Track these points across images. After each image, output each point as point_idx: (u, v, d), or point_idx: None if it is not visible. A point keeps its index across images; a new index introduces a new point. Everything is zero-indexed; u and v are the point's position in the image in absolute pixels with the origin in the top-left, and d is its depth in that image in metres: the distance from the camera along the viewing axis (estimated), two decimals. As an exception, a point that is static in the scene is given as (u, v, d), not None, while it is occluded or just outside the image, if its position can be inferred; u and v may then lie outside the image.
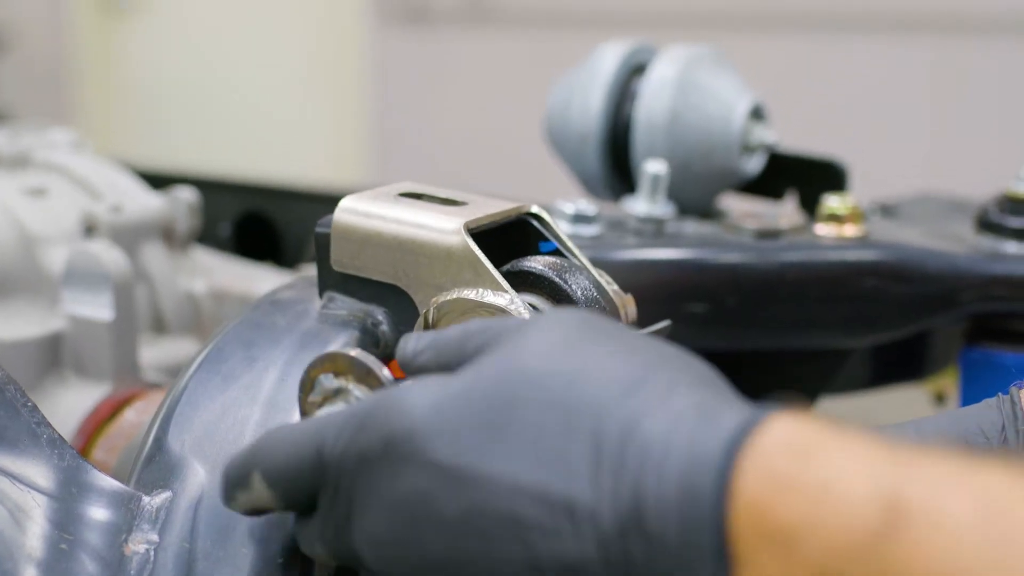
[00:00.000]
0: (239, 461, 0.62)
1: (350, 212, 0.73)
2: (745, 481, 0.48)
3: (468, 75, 3.32)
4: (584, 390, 0.53)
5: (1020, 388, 0.68)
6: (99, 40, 3.78)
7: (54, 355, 0.95)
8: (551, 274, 0.70)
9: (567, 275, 0.71)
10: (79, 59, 3.73)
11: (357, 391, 0.63)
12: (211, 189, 1.30)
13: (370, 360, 0.63)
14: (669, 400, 0.52)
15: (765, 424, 0.49)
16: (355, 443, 0.57)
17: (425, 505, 0.54)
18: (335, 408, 0.63)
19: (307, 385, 0.65)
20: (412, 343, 0.63)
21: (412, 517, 0.55)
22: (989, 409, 0.68)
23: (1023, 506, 0.44)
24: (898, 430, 0.69)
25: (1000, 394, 0.69)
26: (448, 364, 0.60)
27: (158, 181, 1.21)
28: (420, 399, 0.56)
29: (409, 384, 0.58)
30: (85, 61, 3.74)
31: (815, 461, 0.47)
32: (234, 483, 0.62)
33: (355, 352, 0.64)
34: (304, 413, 0.65)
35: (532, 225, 0.75)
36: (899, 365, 1.06)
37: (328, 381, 0.64)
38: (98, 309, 0.92)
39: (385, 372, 0.63)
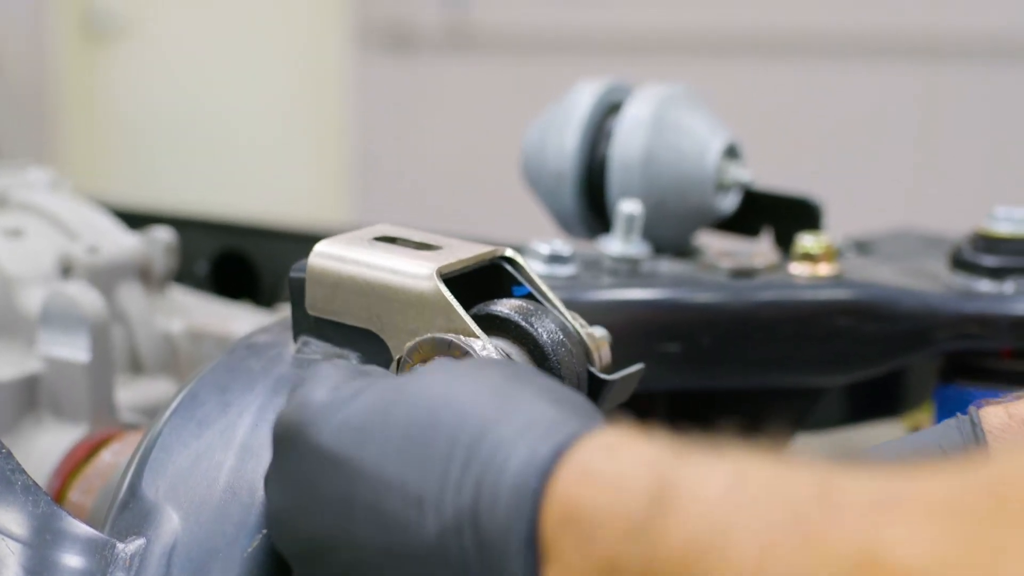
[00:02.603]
0: None
1: (325, 257, 0.73)
2: (561, 477, 0.53)
3: (451, 102, 3.33)
4: (451, 403, 0.58)
5: (979, 408, 0.69)
6: (80, 67, 3.78)
7: (31, 396, 0.95)
8: (517, 318, 0.71)
9: (533, 319, 0.71)
10: (60, 86, 3.73)
11: None
12: (188, 227, 1.31)
13: (448, 335, 0.68)
14: (524, 412, 0.56)
15: (594, 431, 0.54)
16: (276, 421, 0.64)
17: (309, 487, 0.60)
18: None
19: None
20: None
21: (298, 497, 0.61)
22: (949, 429, 0.70)
23: (766, 475, 0.49)
24: (861, 454, 0.71)
25: (959, 414, 0.70)
26: None
27: (135, 220, 1.21)
28: (319, 395, 0.62)
29: (320, 377, 0.64)
30: (66, 88, 3.75)
31: (614, 455, 0.52)
32: None
33: (430, 335, 0.68)
34: None
35: (506, 267, 0.75)
36: (875, 402, 1.07)
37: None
38: (75, 351, 0.92)
39: (465, 340, 0.68)
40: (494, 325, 0.71)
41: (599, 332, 0.75)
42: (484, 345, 0.68)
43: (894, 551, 0.43)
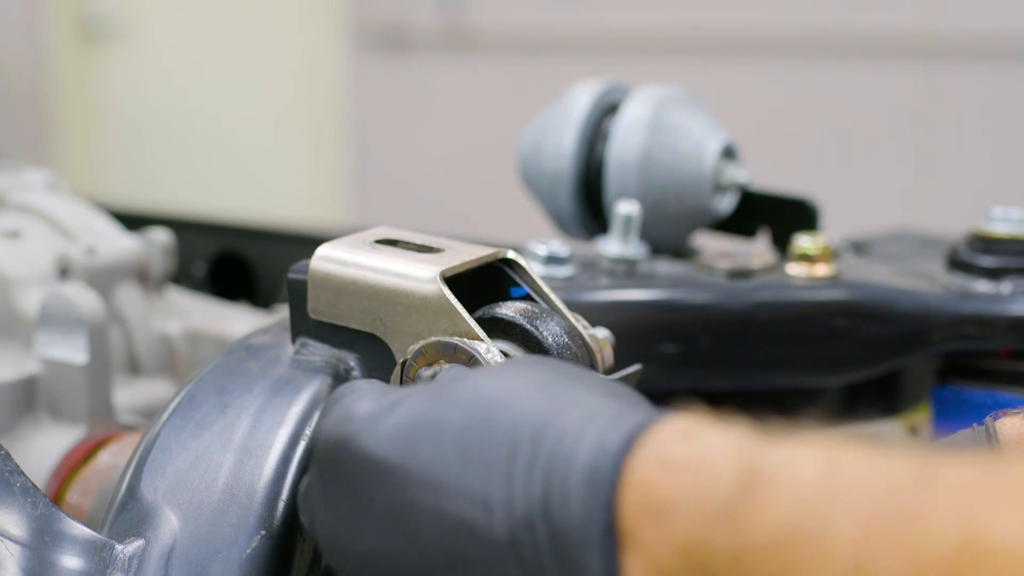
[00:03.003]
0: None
1: (327, 260, 0.73)
2: (637, 463, 0.52)
3: (448, 103, 3.33)
4: (505, 401, 0.58)
5: (996, 419, 0.69)
6: (76, 68, 3.78)
7: (29, 398, 0.95)
8: (523, 321, 0.71)
9: (538, 321, 0.71)
10: (56, 87, 3.73)
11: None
12: (186, 228, 1.31)
13: (454, 338, 0.68)
14: (582, 405, 0.56)
15: (665, 419, 0.54)
16: (317, 438, 0.63)
17: (361, 499, 0.60)
18: None
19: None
20: None
21: (350, 510, 0.60)
22: (964, 439, 0.70)
23: (861, 459, 0.48)
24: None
25: (976, 424, 0.70)
26: None
27: (133, 221, 1.21)
28: (362, 407, 0.61)
29: (359, 390, 0.63)
30: (62, 89, 3.75)
31: (694, 441, 0.52)
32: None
33: (435, 338, 0.68)
34: None
35: (508, 268, 0.76)
36: (872, 402, 1.07)
37: (425, 372, 0.69)
38: (73, 352, 0.92)
39: (469, 343, 0.68)
40: (499, 328, 0.71)
41: (601, 333, 0.75)
42: (488, 348, 0.68)
43: (996, 533, 0.44)
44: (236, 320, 1.10)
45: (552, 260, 0.96)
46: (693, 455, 0.51)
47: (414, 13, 3.31)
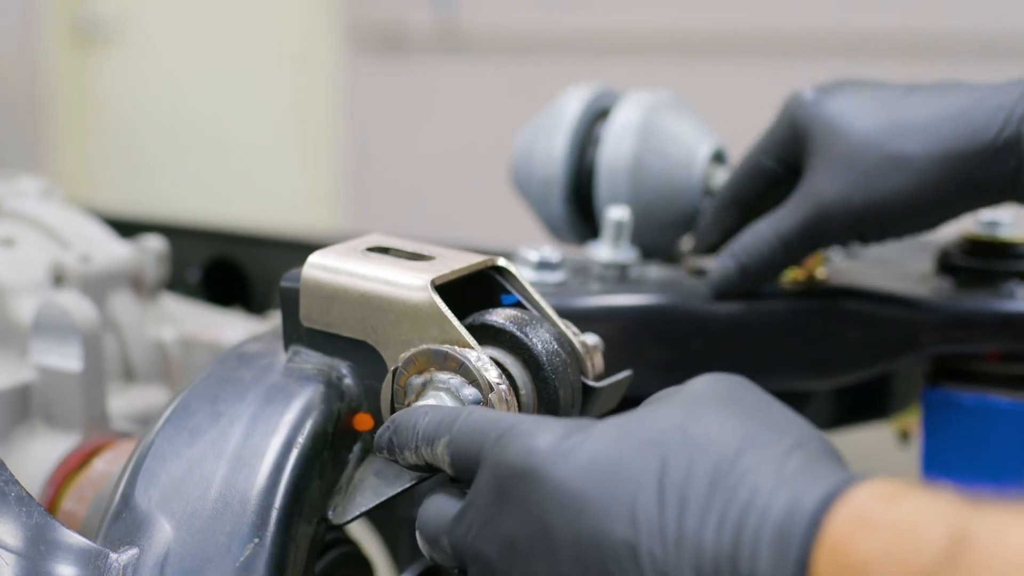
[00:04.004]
0: (433, 424, 0.66)
1: (319, 268, 0.74)
2: (834, 524, 0.52)
3: (443, 104, 3.33)
4: (706, 441, 0.58)
5: None
6: (71, 72, 3.78)
7: (23, 405, 0.95)
8: (512, 328, 0.72)
9: (528, 328, 0.72)
10: (51, 91, 3.73)
11: (440, 376, 0.69)
12: (180, 235, 1.31)
13: (444, 346, 0.69)
14: (782, 462, 0.56)
15: (862, 482, 0.53)
16: (495, 455, 0.63)
17: (545, 528, 0.60)
18: (428, 401, 0.69)
19: (400, 394, 0.70)
20: None
21: (530, 538, 0.60)
22: None
23: None
24: None
25: None
26: None
27: (127, 228, 1.21)
28: (545, 440, 0.61)
29: (534, 424, 0.63)
30: (57, 93, 3.75)
31: (898, 505, 0.51)
32: (426, 440, 0.67)
33: (425, 346, 0.69)
34: None
35: (499, 275, 0.76)
36: (862, 405, 1.07)
37: (416, 380, 0.70)
38: (67, 360, 0.93)
39: (460, 351, 0.69)
40: (489, 335, 0.72)
41: (591, 340, 0.76)
42: (479, 356, 0.69)
43: None
44: (230, 326, 1.11)
45: (543, 266, 0.96)
46: (898, 518, 0.51)
47: (409, 15, 3.31)
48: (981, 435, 1.01)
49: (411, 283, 0.71)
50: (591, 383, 0.74)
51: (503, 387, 0.69)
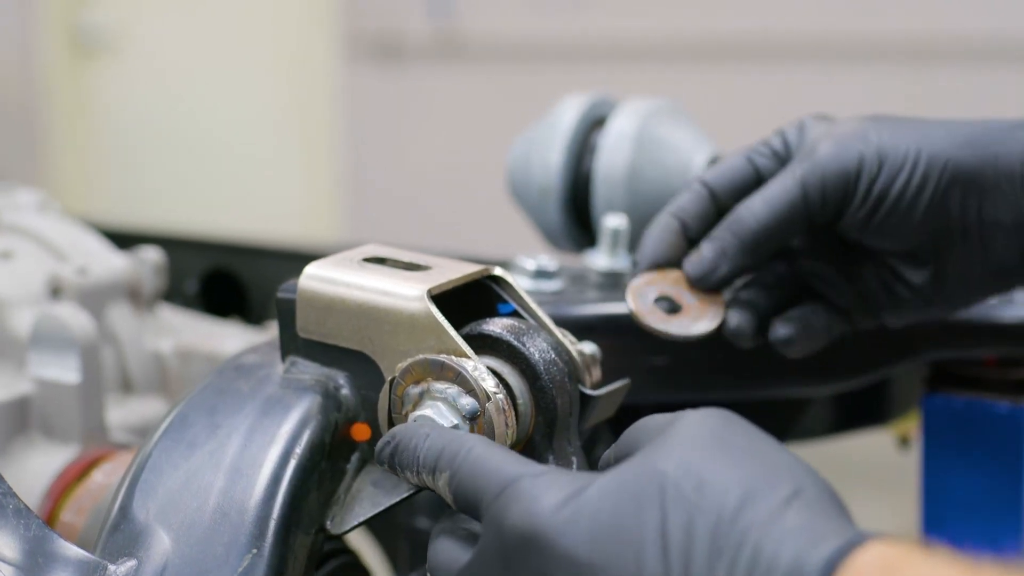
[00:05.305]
0: (434, 454, 0.66)
1: (315, 279, 0.74)
2: None
3: (440, 112, 3.33)
4: (704, 495, 0.58)
5: None
6: (68, 82, 3.78)
7: (22, 418, 0.95)
8: (509, 337, 0.72)
9: (525, 338, 0.72)
10: (48, 101, 3.73)
11: (437, 386, 0.69)
12: (177, 246, 1.31)
13: (441, 356, 0.69)
14: (782, 516, 0.56)
15: (864, 546, 0.54)
16: (498, 514, 0.62)
17: None
18: (425, 412, 0.69)
19: (397, 404, 0.70)
20: None
21: None
22: None
23: None
24: None
25: None
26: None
27: (124, 240, 1.21)
28: (548, 498, 0.61)
29: (537, 479, 0.62)
30: (54, 103, 3.75)
31: (898, 573, 0.52)
32: (427, 468, 0.67)
33: (422, 356, 0.69)
34: None
35: (495, 284, 0.76)
36: (862, 411, 1.08)
37: (413, 390, 0.70)
38: (65, 372, 0.93)
39: (456, 360, 0.69)
40: (486, 344, 0.72)
41: (588, 348, 0.76)
42: (476, 366, 0.69)
43: None
44: (228, 337, 1.11)
45: (540, 274, 0.96)
46: None
47: (406, 23, 3.32)
48: (979, 440, 1.01)
49: (407, 293, 0.71)
50: (589, 391, 0.74)
51: (500, 397, 0.69)
